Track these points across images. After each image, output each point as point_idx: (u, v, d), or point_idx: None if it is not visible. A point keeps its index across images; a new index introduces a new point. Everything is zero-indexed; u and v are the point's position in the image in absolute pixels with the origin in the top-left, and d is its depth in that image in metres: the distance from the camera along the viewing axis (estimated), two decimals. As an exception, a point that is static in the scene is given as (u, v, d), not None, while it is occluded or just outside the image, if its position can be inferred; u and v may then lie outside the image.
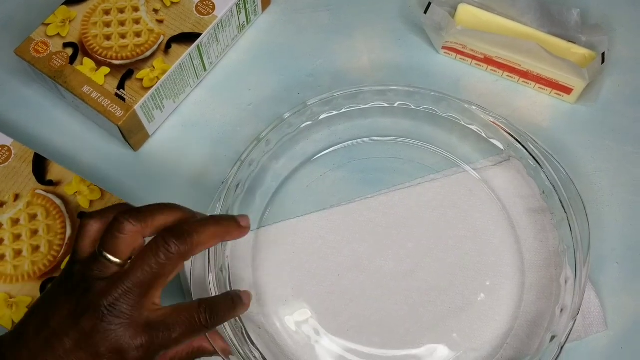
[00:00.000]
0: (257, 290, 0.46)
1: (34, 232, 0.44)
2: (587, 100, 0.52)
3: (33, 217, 0.45)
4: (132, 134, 0.49)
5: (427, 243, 0.47)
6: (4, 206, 0.45)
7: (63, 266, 0.43)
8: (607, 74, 0.53)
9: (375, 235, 0.47)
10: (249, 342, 0.43)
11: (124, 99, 0.48)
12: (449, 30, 0.52)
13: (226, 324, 0.42)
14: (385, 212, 0.48)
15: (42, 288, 0.42)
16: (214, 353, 0.40)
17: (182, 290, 0.46)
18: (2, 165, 0.46)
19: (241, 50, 0.55)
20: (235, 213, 0.47)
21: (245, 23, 0.55)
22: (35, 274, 0.43)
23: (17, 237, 0.44)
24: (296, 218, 0.48)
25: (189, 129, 0.52)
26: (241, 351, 0.41)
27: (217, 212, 0.45)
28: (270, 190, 0.49)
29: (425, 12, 0.52)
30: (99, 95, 0.48)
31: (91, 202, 0.45)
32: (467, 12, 0.53)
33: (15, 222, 0.44)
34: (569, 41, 0.52)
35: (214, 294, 0.42)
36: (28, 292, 0.42)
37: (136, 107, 0.48)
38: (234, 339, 0.41)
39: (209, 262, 0.43)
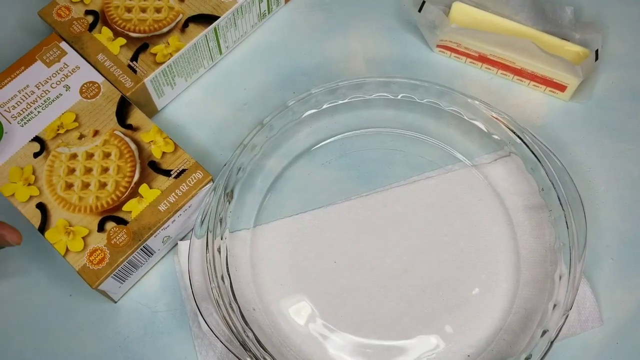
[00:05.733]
0: (256, 287, 0.46)
1: (105, 170, 0.45)
2: (581, 97, 0.52)
3: (107, 155, 0.46)
4: (141, 107, 0.50)
5: (424, 240, 0.47)
6: (83, 139, 0.46)
7: (124, 208, 0.44)
8: (600, 71, 0.54)
9: (372, 232, 0.48)
10: (255, 342, 0.43)
11: (135, 71, 0.49)
12: (443, 28, 0.52)
13: (226, 323, 0.42)
14: (383, 210, 0.48)
15: (100, 224, 0.44)
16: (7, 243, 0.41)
17: (183, 301, 0.46)
18: (89, 101, 0.48)
19: (236, 49, 0.55)
20: (236, 195, 0.48)
21: (267, 12, 0.55)
22: (97, 209, 0.44)
23: (89, 170, 0.45)
24: (293, 216, 0.48)
25: (184, 128, 0.52)
26: (245, 348, 0.41)
27: (219, 191, 0.45)
28: (272, 175, 0.50)
29: (420, 10, 0.53)
30: (112, 64, 0.49)
31: (163, 153, 0.46)
32: (461, 11, 0.53)
33: (90, 156, 0.46)
34: (563, 39, 0.52)
35: (219, 304, 0.43)
36: (86, 225, 0.44)
37: (146, 80, 0.49)
38: (240, 337, 0.42)
39: (209, 272, 0.44)
